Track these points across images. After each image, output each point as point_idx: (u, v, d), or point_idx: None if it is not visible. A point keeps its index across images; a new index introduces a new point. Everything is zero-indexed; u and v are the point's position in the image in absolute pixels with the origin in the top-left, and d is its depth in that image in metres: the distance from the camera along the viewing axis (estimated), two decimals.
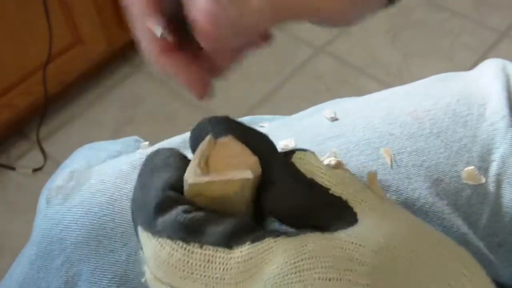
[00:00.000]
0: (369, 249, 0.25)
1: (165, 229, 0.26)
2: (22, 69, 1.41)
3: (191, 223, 0.26)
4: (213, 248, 0.25)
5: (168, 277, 0.26)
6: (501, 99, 0.47)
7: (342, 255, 0.24)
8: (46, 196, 0.48)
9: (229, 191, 0.27)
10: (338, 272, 0.24)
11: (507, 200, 0.44)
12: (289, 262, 0.24)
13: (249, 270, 0.25)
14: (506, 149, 0.45)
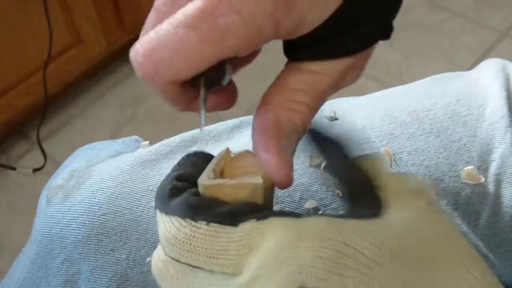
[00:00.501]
0: (369, 241, 0.26)
1: (176, 209, 0.28)
2: (22, 69, 1.41)
3: (199, 204, 0.28)
4: (219, 225, 0.27)
5: (175, 252, 0.28)
6: (501, 99, 0.47)
7: (339, 239, 0.25)
8: (46, 195, 0.48)
9: (240, 195, 0.28)
10: (331, 253, 0.25)
11: (507, 200, 0.44)
12: (287, 238, 0.26)
13: (250, 243, 0.26)
14: (505, 149, 0.45)
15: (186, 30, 0.27)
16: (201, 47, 0.27)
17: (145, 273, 0.43)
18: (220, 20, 0.27)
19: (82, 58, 1.53)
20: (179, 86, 0.29)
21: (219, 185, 0.29)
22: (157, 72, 0.28)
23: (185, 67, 0.28)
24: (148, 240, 0.44)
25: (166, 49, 0.27)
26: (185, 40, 0.27)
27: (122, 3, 1.53)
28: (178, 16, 0.27)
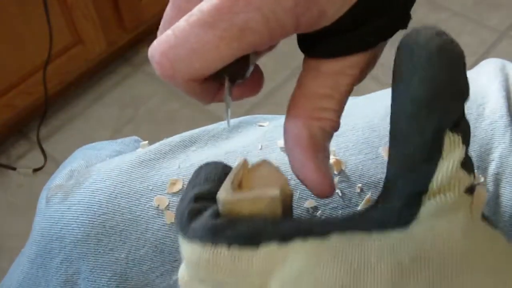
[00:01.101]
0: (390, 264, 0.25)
1: (196, 234, 0.27)
2: (22, 69, 1.42)
3: (218, 227, 0.27)
4: (239, 247, 0.26)
5: (201, 274, 0.27)
6: (500, 98, 0.47)
7: (360, 261, 0.25)
8: (46, 195, 0.48)
9: (258, 208, 0.28)
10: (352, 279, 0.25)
11: (506, 199, 0.44)
12: (307, 264, 0.25)
13: (273, 267, 0.26)
14: (504, 149, 0.45)
15: (203, 28, 0.26)
16: (219, 45, 0.27)
17: (144, 272, 0.44)
18: (238, 17, 0.26)
19: (82, 58, 1.53)
20: (200, 82, 0.29)
21: (237, 200, 0.28)
22: (175, 71, 0.28)
23: (204, 65, 0.27)
24: (148, 239, 0.44)
25: (183, 48, 0.27)
26: (202, 39, 0.27)
27: (122, 3, 1.53)
28: (195, 13, 0.27)
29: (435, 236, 0.26)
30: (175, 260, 0.43)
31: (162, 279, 0.44)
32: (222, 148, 0.48)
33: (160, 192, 0.45)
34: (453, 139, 0.27)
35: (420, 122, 0.26)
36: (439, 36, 0.26)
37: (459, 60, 0.26)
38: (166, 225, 0.44)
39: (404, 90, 0.26)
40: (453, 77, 0.26)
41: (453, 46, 0.26)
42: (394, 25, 0.30)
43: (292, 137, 0.30)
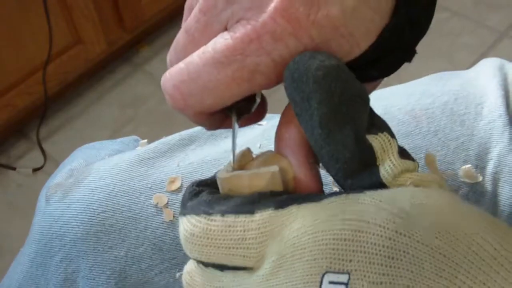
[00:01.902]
0: (390, 212, 0.25)
1: (192, 208, 0.28)
2: (22, 69, 1.42)
3: (214, 200, 0.28)
4: (234, 215, 0.27)
5: (195, 250, 0.27)
6: (498, 98, 0.47)
7: (358, 217, 0.25)
8: (46, 194, 0.48)
9: (258, 186, 0.28)
10: (353, 233, 0.25)
11: (504, 198, 0.44)
12: (306, 224, 0.25)
13: (270, 231, 0.26)
14: (503, 148, 0.45)
15: (216, 67, 0.28)
16: (230, 84, 0.28)
17: (143, 270, 0.44)
18: (249, 60, 0.27)
19: (82, 58, 1.53)
20: (209, 115, 0.30)
21: (236, 176, 0.28)
22: (186, 104, 0.29)
23: (214, 102, 0.29)
24: (147, 237, 0.44)
25: (195, 85, 0.28)
26: (214, 77, 0.28)
27: (122, 3, 1.53)
28: (209, 51, 0.28)
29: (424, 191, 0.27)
30: (174, 258, 0.44)
31: (161, 276, 0.44)
32: (221, 147, 0.48)
33: (159, 190, 0.45)
34: (380, 138, 0.28)
35: (337, 138, 0.27)
36: (313, 57, 0.26)
37: (340, 70, 0.27)
38: (165, 223, 0.44)
39: (309, 118, 0.27)
40: (344, 86, 0.26)
41: (330, 60, 0.26)
42: (400, 61, 0.31)
43: (285, 141, 0.30)
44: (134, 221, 0.44)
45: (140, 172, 0.46)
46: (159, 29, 1.80)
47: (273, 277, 0.26)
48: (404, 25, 0.29)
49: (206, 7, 0.29)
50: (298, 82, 0.27)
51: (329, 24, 0.27)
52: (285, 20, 0.27)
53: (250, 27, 0.27)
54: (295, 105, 0.27)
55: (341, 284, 0.25)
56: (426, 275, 0.25)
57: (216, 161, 0.47)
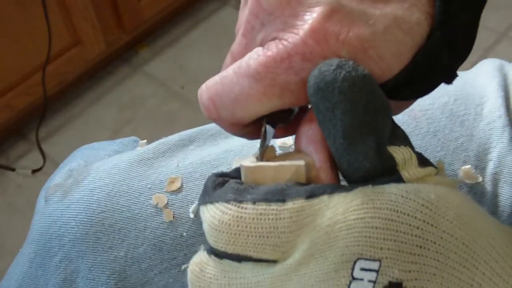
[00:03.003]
0: (418, 203, 0.26)
1: (220, 195, 0.28)
2: (21, 70, 1.42)
3: (244, 188, 0.28)
4: (266, 203, 0.27)
5: (223, 239, 0.27)
6: (498, 98, 0.47)
7: (388, 207, 0.26)
8: (45, 194, 0.48)
9: (282, 178, 0.28)
10: (383, 222, 0.26)
11: (504, 199, 0.44)
12: (339, 213, 0.26)
13: (302, 220, 0.26)
14: (502, 148, 0.45)
15: (248, 81, 0.29)
16: (260, 99, 0.29)
17: (143, 270, 0.44)
18: (280, 78, 0.28)
19: (81, 59, 1.53)
20: (243, 126, 0.31)
21: (261, 167, 0.29)
22: (219, 116, 0.30)
23: (245, 114, 0.30)
24: (147, 237, 0.44)
25: (227, 97, 0.29)
26: (245, 91, 0.29)
27: (121, 4, 1.53)
28: (243, 65, 0.29)
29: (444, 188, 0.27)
30: (173, 258, 0.44)
31: (161, 277, 0.44)
32: (221, 147, 0.48)
33: (159, 190, 0.45)
34: (402, 151, 0.28)
35: (359, 148, 0.27)
36: (340, 67, 0.27)
37: (366, 80, 0.27)
38: (165, 223, 0.44)
39: (332, 127, 0.27)
40: (369, 98, 0.27)
41: (357, 71, 0.27)
42: (438, 82, 0.31)
43: (306, 137, 0.30)
44: (134, 221, 0.44)
45: (139, 172, 0.46)
46: (159, 30, 1.80)
47: (302, 266, 0.26)
48: (440, 48, 0.29)
49: (246, 30, 0.31)
50: (323, 91, 0.27)
51: (358, 44, 0.28)
52: (315, 42, 0.28)
53: (282, 47, 0.28)
54: (318, 113, 0.28)
55: (372, 271, 0.25)
56: (451, 265, 0.26)
57: (216, 161, 0.47)
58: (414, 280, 0.26)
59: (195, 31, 1.81)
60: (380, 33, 0.28)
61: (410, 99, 0.31)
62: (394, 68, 0.28)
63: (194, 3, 1.84)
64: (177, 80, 1.69)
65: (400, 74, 0.29)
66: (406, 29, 0.28)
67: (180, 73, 1.71)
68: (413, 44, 0.28)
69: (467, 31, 0.30)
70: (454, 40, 0.29)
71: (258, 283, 0.27)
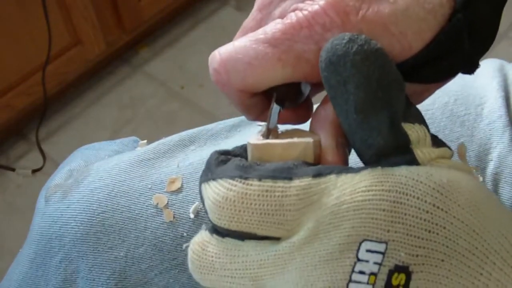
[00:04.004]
0: (429, 186, 0.26)
1: (225, 172, 0.28)
2: (21, 70, 1.41)
3: (249, 165, 0.28)
4: (272, 180, 0.26)
5: (227, 216, 0.27)
6: (498, 98, 0.47)
7: (397, 189, 0.26)
8: (45, 194, 0.48)
9: (290, 156, 0.28)
10: (392, 205, 0.25)
11: (505, 199, 0.44)
12: (346, 193, 0.26)
13: (308, 198, 0.26)
14: (503, 149, 0.45)
15: (264, 46, 0.29)
16: (274, 65, 0.29)
17: (143, 270, 0.44)
18: (297, 45, 0.28)
19: (81, 59, 1.53)
20: (250, 96, 0.31)
21: (268, 144, 0.28)
22: (229, 80, 0.30)
23: (256, 80, 0.29)
24: (147, 238, 0.44)
25: (241, 61, 0.29)
26: (260, 56, 0.29)
27: (121, 4, 1.53)
28: (259, 32, 0.29)
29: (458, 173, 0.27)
30: (174, 259, 0.44)
31: (161, 277, 0.44)
32: (221, 147, 0.48)
33: (159, 191, 0.45)
34: (417, 128, 0.28)
35: (372, 123, 0.27)
36: (353, 41, 0.27)
37: (379, 54, 0.27)
38: (165, 224, 0.44)
39: (344, 102, 0.27)
40: (382, 72, 0.27)
41: (369, 44, 0.27)
42: (458, 68, 0.31)
43: (317, 116, 0.30)
44: (134, 221, 0.44)
45: (139, 172, 0.46)
46: (159, 30, 1.80)
47: (306, 245, 0.26)
48: (461, 32, 0.29)
49: (262, 4, 0.31)
50: (335, 65, 0.27)
51: (379, 20, 0.28)
52: (335, 13, 0.28)
53: (302, 16, 0.28)
54: (330, 88, 0.27)
55: (378, 253, 0.25)
56: (460, 251, 0.25)
57: None
58: (421, 265, 0.25)
59: (195, 31, 1.81)
60: (401, 10, 0.28)
61: (430, 81, 0.31)
62: (415, 46, 0.28)
63: (194, 3, 1.84)
64: (177, 80, 1.69)
65: (421, 52, 0.29)
66: (428, 8, 0.28)
67: (180, 73, 1.71)
68: (435, 23, 0.28)
69: (489, 20, 0.30)
70: (476, 26, 0.29)
71: (260, 261, 0.27)
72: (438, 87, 0.33)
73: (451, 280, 0.25)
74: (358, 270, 0.25)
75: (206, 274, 0.28)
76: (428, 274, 0.25)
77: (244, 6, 1.83)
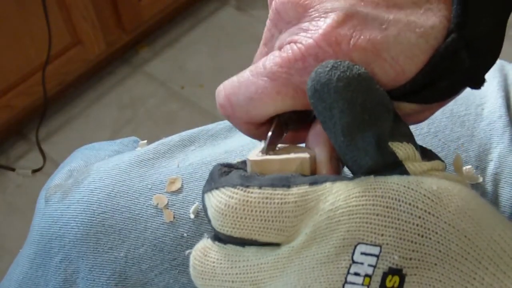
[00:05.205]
0: (420, 193, 0.27)
1: (227, 181, 0.29)
2: (21, 70, 1.41)
3: (250, 175, 0.29)
4: (272, 188, 0.28)
5: (229, 223, 0.28)
6: (498, 98, 0.47)
7: (390, 195, 0.27)
8: (45, 195, 0.48)
9: (287, 170, 0.29)
10: (385, 210, 0.26)
11: (505, 199, 0.44)
12: (341, 199, 0.27)
13: (306, 204, 0.27)
14: (503, 149, 0.45)
15: (263, 80, 0.30)
16: (274, 98, 0.30)
17: (143, 271, 0.44)
18: (294, 78, 0.29)
19: (81, 59, 1.53)
20: (257, 127, 0.32)
21: (267, 160, 0.30)
22: (234, 114, 0.31)
23: (258, 113, 0.31)
24: (147, 238, 0.44)
25: (243, 95, 0.31)
26: (260, 90, 0.30)
27: (121, 4, 1.53)
28: (259, 66, 0.30)
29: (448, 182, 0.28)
30: (174, 259, 0.44)
31: (161, 277, 0.44)
32: (221, 147, 0.48)
33: (159, 191, 0.45)
34: (405, 147, 0.29)
35: (359, 145, 0.28)
36: (335, 68, 0.28)
37: (362, 79, 0.28)
38: (165, 224, 0.44)
39: (332, 126, 0.28)
40: (366, 96, 0.28)
41: (351, 70, 0.28)
42: (461, 86, 0.31)
43: (314, 132, 0.32)
44: (134, 222, 0.44)
45: (140, 172, 0.46)
46: (159, 30, 1.80)
47: (305, 249, 0.27)
48: (457, 50, 0.29)
49: (266, 39, 0.33)
50: (320, 92, 0.28)
51: (370, 47, 0.28)
52: (327, 44, 0.28)
53: (296, 49, 0.29)
54: (318, 113, 0.28)
55: (373, 256, 0.26)
56: (452, 256, 0.26)
57: (216, 162, 0.46)
58: (415, 268, 0.26)
59: (195, 31, 1.81)
60: (392, 36, 0.28)
61: (432, 102, 0.31)
62: (408, 70, 0.29)
63: (194, 3, 1.84)
64: (177, 80, 1.69)
65: (417, 76, 0.29)
66: (419, 32, 0.28)
67: (180, 73, 1.71)
68: (427, 47, 0.29)
69: (492, 33, 0.30)
70: (477, 43, 0.29)
71: (260, 265, 0.28)
72: (440, 106, 0.33)
73: (444, 284, 0.26)
74: (353, 272, 0.26)
75: (208, 279, 0.29)
76: (421, 277, 0.26)
77: (244, 6, 1.83)
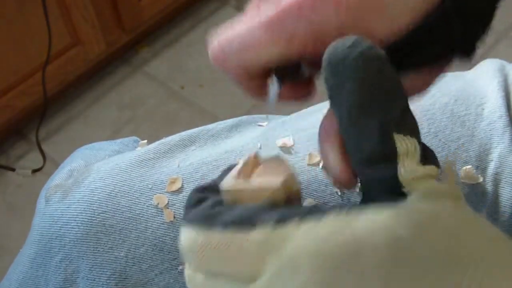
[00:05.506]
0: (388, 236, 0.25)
1: (194, 218, 0.29)
2: (21, 70, 1.41)
3: (214, 213, 0.29)
4: (234, 229, 0.27)
5: (194, 261, 0.28)
6: (499, 98, 0.47)
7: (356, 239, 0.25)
8: (45, 195, 0.48)
9: (261, 198, 0.29)
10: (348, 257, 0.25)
11: (505, 199, 0.44)
12: (306, 244, 0.26)
13: (268, 246, 0.26)
14: (503, 149, 0.45)
15: (258, 29, 0.30)
16: (269, 44, 0.30)
17: (144, 271, 0.44)
18: (289, 26, 0.29)
19: (81, 59, 1.53)
20: (250, 78, 0.32)
21: (238, 190, 0.30)
22: (225, 58, 0.32)
23: (253, 60, 0.31)
24: (147, 238, 0.44)
25: (237, 42, 0.31)
26: (255, 38, 0.30)
27: (121, 4, 1.53)
28: (253, 15, 0.31)
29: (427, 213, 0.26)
30: (174, 259, 0.44)
31: (162, 277, 0.44)
32: (221, 147, 0.48)
33: (160, 191, 0.45)
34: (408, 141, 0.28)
35: (362, 128, 0.27)
36: (355, 46, 0.27)
37: (381, 61, 0.27)
38: (166, 224, 0.44)
39: (340, 103, 0.28)
40: (379, 79, 0.27)
41: (370, 51, 0.27)
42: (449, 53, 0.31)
43: (324, 127, 0.31)
44: (135, 221, 0.44)
45: (140, 172, 0.46)
46: (159, 30, 1.80)
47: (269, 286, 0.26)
48: (450, 14, 0.29)
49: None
50: (335, 66, 0.27)
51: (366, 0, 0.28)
52: None
53: None
54: (329, 88, 0.28)
55: None
56: None
57: (217, 162, 0.47)
58: None
59: (195, 31, 1.81)
60: None
61: (422, 67, 0.31)
62: (402, 22, 0.29)
63: (194, 3, 1.84)
64: (177, 80, 1.69)
65: (410, 34, 0.29)
66: None
67: (180, 73, 1.71)
68: (422, 5, 0.29)
69: (483, 5, 0.31)
70: (467, 11, 0.30)
71: None
72: (436, 75, 0.33)
73: None
74: None
75: None
76: None
77: (244, 6, 1.83)
